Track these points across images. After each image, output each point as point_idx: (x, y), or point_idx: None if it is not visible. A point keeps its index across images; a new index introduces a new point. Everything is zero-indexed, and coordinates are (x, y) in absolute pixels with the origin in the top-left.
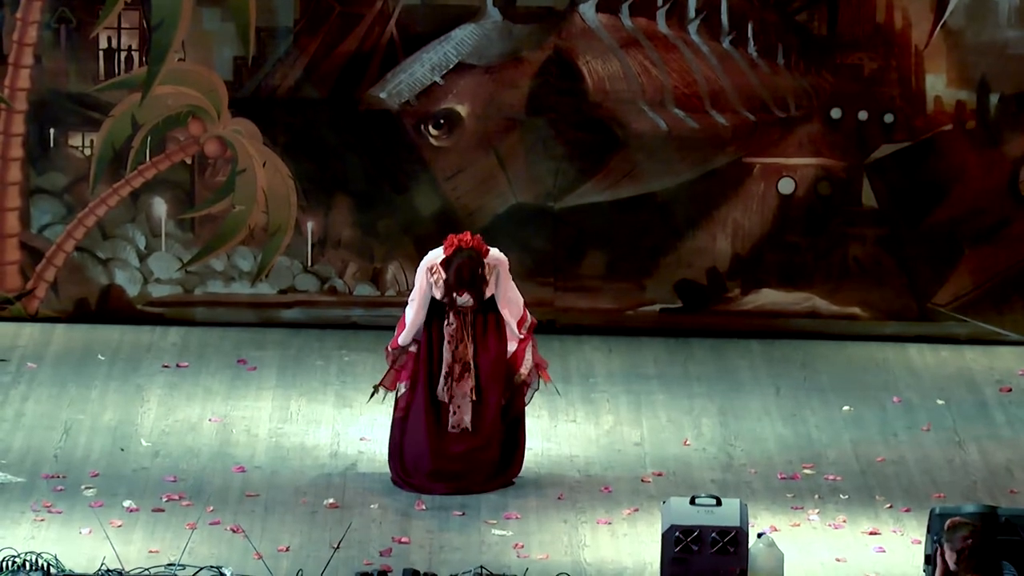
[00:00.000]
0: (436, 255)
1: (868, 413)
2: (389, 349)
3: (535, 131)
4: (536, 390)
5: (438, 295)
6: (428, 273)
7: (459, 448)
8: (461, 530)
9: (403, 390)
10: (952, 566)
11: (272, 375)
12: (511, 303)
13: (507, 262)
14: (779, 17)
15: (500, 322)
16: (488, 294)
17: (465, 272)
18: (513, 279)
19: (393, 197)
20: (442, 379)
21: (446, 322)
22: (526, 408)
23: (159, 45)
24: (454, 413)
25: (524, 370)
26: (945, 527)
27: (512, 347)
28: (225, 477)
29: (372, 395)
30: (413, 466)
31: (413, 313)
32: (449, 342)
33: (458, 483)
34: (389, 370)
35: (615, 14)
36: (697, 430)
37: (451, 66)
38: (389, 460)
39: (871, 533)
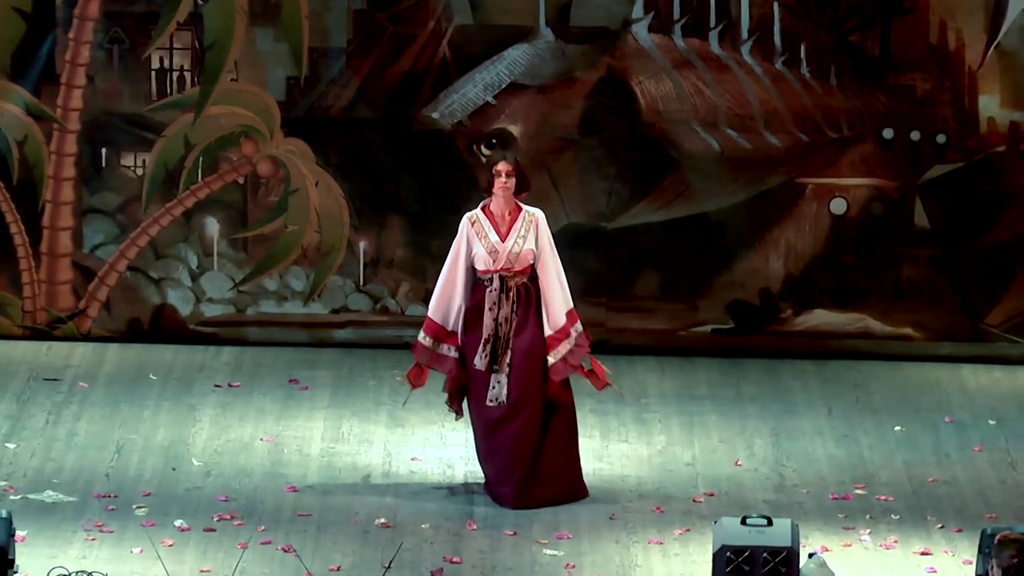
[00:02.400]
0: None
1: (920, 433)
2: (419, 340)
3: (588, 151)
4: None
5: (482, 250)
6: (468, 223)
7: (500, 437)
8: (513, 550)
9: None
10: None
11: (324, 395)
12: (552, 278)
13: (544, 218)
14: (832, 38)
15: (540, 299)
16: (527, 245)
17: (511, 158)
18: None
19: (445, 217)
20: (481, 346)
21: (488, 289)
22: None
23: (212, 65)
24: (493, 387)
25: (552, 358)
26: (995, 543)
27: (548, 332)
28: (277, 497)
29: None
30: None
31: (446, 271)
32: (491, 309)
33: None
34: (416, 364)
35: (668, 35)
36: (749, 450)
37: (504, 86)
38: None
39: (922, 553)
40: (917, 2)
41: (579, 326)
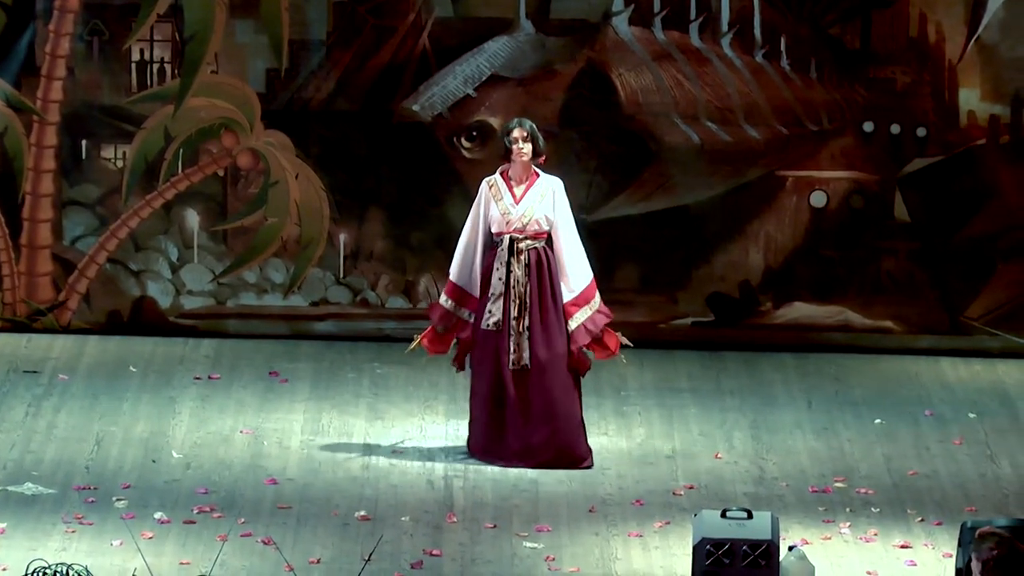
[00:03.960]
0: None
1: (900, 426)
2: (439, 302)
3: (568, 144)
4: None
5: (496, 212)
6: (486, 186)
7: (515, 399)
8: (493, 543)
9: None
10: None
11: (304, 387)
12: (569, 245)
13: (563, 187)
14: (812, 31)
15: (555, 265)
16: (542, 210)
17: (526, 124)
18: None
19: (426, 209)
20: (489, 303)
21: (499, 249)
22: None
23: (192, 57)
24: (513, 351)
25: (572, 323)
26: (975, 536)
27: (567, 298)
28: (257, 489)
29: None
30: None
31: (465, 234)
32: (497, 268)
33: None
34: (431, 328)
35: (648, 27)
36: (729, 443)
37: (484, 78)
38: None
39: (902, 547)
40: None
41: (599, 297)
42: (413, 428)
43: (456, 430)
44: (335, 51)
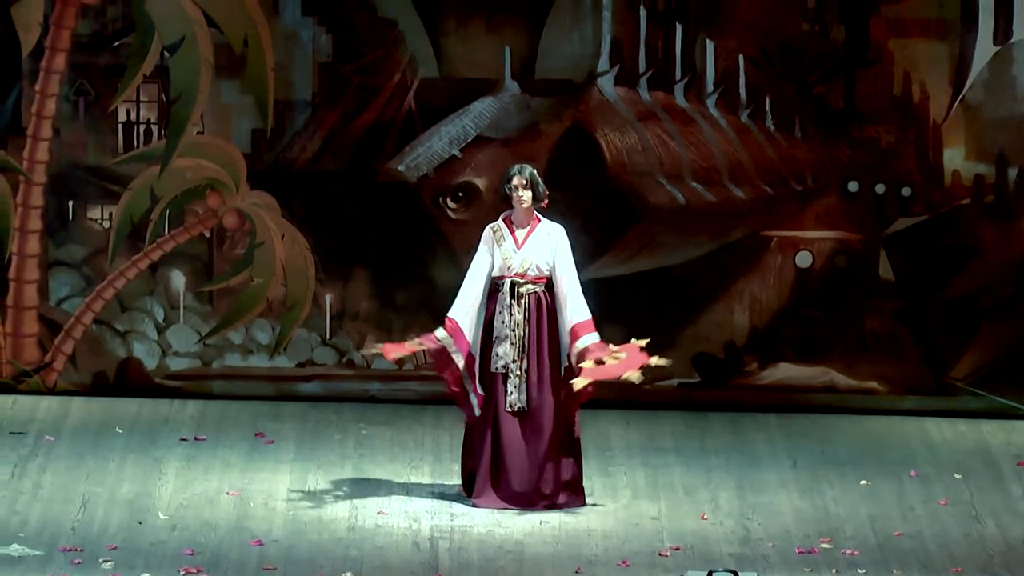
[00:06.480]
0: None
1: (885, 487)
2: (435, 333)
3: (553, 204)
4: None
5: (499, 256)
6: (489, 232)
7: (514, 441)
8: None
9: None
10: None
11: (290, 448)
12: (569, 286)
13: (565, 233)
14: (796, 90)
15: (556, 308)
16: (542, 256)
17: (526, 171)
18: None
19: (411, 270)
20: (494, 347)
21: (500, 293)
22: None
23: (178, 118)
24: (511, 393)
25: (574, 351)
26: None
27: (570, 324)
28: (242, 550)
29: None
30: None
31: (468, 280)
32: (499, 312)
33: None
34: (399, 344)
35: (633, 87)
36: (715, 503)
37: (469, 139)
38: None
39: None
40: (881, 54)
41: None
42: (398, 489)
43: (442, 491)
44: (320, 111)
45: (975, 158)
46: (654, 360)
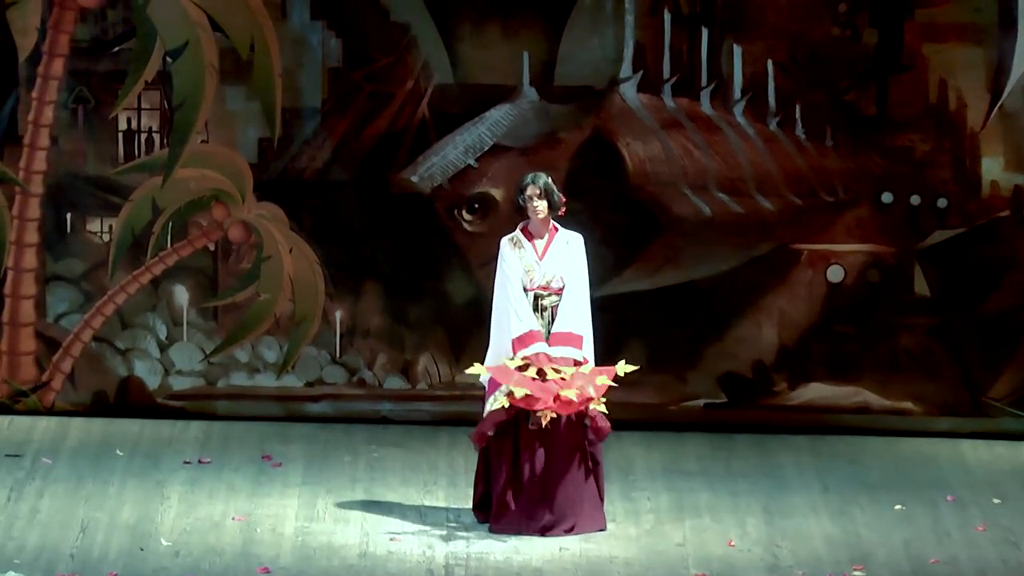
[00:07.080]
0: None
1: (920, 511)
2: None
3: (572, 215)
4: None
5: (520, 267)
6: (508, 243)
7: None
8: None
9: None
10: None
11: (298, 471)
12: (575, 295)
13: (582, 242)
14: (827, 97)
15: None
16: (563, 265)
17: (540, 180)
18: None
19: (425, 284)
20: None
21: None
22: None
23: (181, 126)
24: (534, 412)
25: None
26: None
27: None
28: None
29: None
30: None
31: (511, 294)
32: None
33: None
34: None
35: (657, 94)
36: (742, 529)
37: (485, 148)
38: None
39: None
40: (915, 59)
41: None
42: (412, 514)
43: (457, 516)
44: (330, 119)
45: (1014, 168)
46: (619, 367)
